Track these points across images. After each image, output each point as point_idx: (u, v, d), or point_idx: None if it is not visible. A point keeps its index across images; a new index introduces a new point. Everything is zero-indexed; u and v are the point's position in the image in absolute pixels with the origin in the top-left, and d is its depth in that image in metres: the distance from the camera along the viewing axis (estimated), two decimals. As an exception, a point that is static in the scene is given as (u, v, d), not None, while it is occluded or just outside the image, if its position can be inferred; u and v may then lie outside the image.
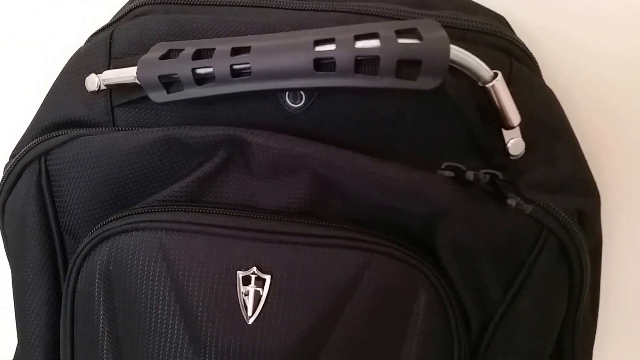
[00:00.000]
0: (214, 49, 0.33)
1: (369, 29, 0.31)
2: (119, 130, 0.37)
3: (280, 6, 0.37)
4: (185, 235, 0.35)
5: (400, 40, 0.30)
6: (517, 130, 0.34)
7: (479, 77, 0.32)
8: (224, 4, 0.37)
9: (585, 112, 0.43)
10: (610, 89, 0.42)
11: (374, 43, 0.30)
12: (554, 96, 0.37)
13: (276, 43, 0.31)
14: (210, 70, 0.33)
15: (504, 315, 0.35)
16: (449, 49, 0.30)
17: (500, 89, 0.32)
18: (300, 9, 0.37)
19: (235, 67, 0.32)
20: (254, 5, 0.37)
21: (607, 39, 0.41)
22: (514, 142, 0.34)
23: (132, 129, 0.37)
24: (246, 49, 0.32)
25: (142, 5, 0.38)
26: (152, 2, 0.38)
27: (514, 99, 0.33)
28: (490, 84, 0.32)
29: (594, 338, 0.42)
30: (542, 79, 0.38)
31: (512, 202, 0.31)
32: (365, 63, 0.30)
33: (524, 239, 0.34)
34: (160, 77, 0.34)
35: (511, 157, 0.34)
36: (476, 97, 0.34)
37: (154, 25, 0.37)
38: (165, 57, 0.34)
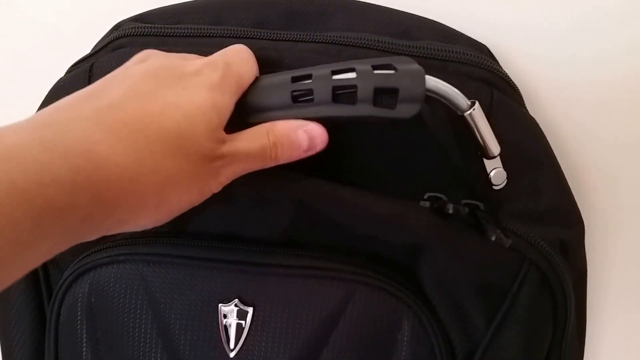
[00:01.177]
0: None
1: (345, 65, 0.31)
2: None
3: (261, 37, 0.37)
4: (166, 268, 0.35)
5: (377, 71, 0.30)
6: (498, 160, 0.34)
7: (456, 106, 0.32)
8: (206, 35, 0.37)
9: (571, 141, 0.43)
10: (595, 118, 0.42)
11: (350, 75, 0.30)
12: (537, 126, 0.37)
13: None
14: None
15: (489, 345, 0.35)
16: (424, 76, 0.30)
17: (478, 117, 0.32)
18: (281, 39, 0.37)
19: None
20: (236, 36, 0.37)
21: (594, 69, 0.41)
22: (496, 172, 0.34)
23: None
24: None
25: (121, 37, 0.38)
26: (132, 33, 0.38)
27: (495, 129, 0.33)
28: (468, 112, 0.32)
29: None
30: (526, 109, 0.38)
31: (492, 235, 0.31)
32: (344, 96, 0.30)
33: (505, 271, 0.34)
34: None
35: (494, 187, 0.34)
36: (455, 127, 0.34)
37: (132, 58, 0.37)
38: None
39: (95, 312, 0.36)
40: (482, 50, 0.38)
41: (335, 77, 0.31)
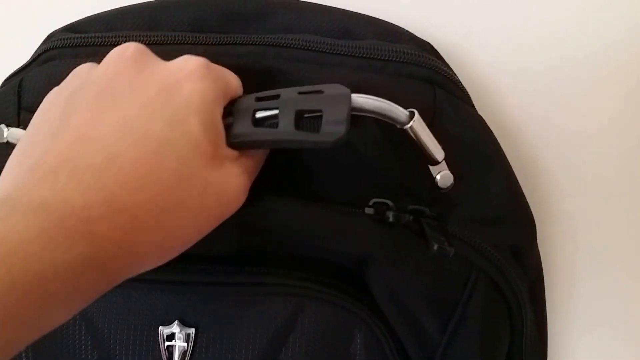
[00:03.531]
0: None
1: (271, 92, 0.30)
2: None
3: (198, 42, 0.35)
4: None
5: (301, 96, 0.29)
6: (443, 164, 0.32)
7: (394, 120, 0.30)
8: (140, 42, 0.35)
9: (522, 140, 0.41)
10: (549, 118, 0.41)
11: (274, 101, 0.29)
12: (485, 124, 0.35)
13: None
14: None
15: (444, 354, 0.34)
16: (349, 96, 0.29)
17: (418, 128, 0.31)
18: (218, 44, 0.35)
19: None
20: (173, 42, 0.36)
21: (547, 68, 0.40)
22: (442, 176, 0.32)
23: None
24: None
25: (50, 49, 0.36)
26: (61, 45, 0.36)
27: (440, 129, 0.32)
28: (408, 125, 0.30)
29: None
30: (473, 107, 0.37)
31: (433, 245, 0.29)
32: (266, 121, 0.29)
33: (454, 280, 0.33)
34: None
35: (441, 190, 0.33)
36: (394, 138, 0.32)
37: (63, 72, 0.34)
38: None
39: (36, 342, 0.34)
40: (424, 47, 0.37)
41: (259, 103, 0.30)
